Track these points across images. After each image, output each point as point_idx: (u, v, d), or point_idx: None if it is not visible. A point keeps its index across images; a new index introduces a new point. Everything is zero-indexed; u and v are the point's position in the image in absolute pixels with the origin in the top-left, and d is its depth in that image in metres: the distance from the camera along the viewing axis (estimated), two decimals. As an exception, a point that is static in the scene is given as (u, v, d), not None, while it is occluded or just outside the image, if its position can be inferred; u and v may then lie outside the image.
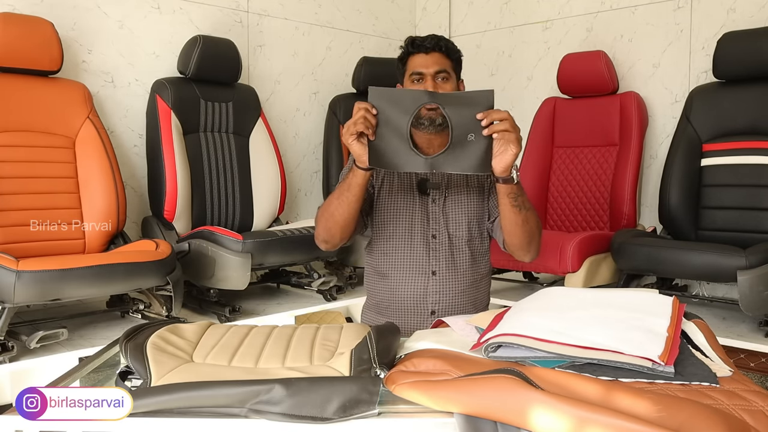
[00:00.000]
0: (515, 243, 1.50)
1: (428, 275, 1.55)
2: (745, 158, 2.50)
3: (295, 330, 1.16)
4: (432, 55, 1.53)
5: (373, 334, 1.05)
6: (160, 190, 2.54)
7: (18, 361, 1.86)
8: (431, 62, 1.53)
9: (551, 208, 3.08)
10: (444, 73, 1.54)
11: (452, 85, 1.55)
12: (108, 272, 1.95)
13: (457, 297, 1.57)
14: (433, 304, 1.56)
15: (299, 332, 1.15)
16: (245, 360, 1.03)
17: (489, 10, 3.63)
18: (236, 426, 0.89)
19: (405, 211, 1.58)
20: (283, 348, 1.07)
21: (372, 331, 1.07)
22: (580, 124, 3.01)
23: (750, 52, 2.47)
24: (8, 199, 2.16)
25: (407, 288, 1.56)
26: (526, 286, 2.92)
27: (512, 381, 0.84)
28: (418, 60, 1.54)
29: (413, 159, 1.33)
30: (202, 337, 1.12)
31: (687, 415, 0.78)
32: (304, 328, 1.18)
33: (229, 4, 3.02)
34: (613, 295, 1.22)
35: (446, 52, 1.55)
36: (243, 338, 1.12)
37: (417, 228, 1.56)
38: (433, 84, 1.52)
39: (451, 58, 1.56)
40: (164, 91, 2.59)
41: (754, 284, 2.04)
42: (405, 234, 1.56)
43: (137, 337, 1.06)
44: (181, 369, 0.98)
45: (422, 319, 1.56)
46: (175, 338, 1.08)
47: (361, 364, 0.98)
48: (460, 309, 1.56)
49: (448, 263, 1.56)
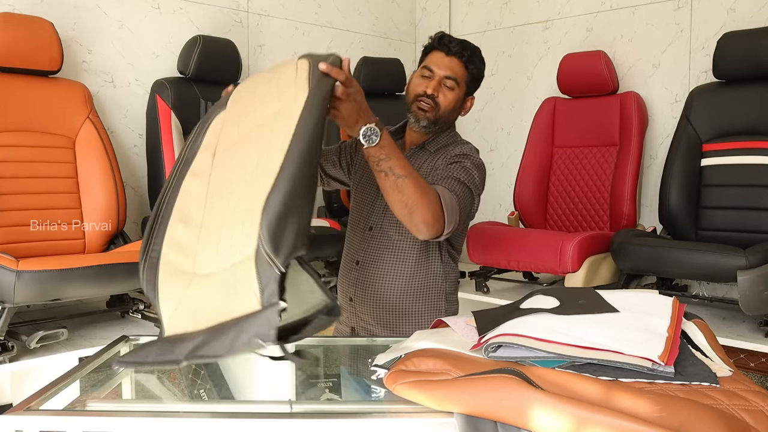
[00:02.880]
0: (396, 215, 1.34)
1: (353, 264, 1.59)
2: (745, 158, 2.50)
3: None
4: (451, 59, 1.50)
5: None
6: (160, 190, 2.54)
7: (18, 361, 1.86)
8: (446, 65, 1.50)
9: (551, 208, 3.08)
10: (452, 81, 1.50)
11: (456, 96, 1.51)
12: (108, 272, 1.95)
13: (378, 291, 1.54)
14: (354, 294, 1.59)
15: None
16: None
17: (489, 10, 3.63)
18: (236, 426, 0.89)
19: (363, 196, 1.61)
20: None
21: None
22: (580, 124, 3.01)
23: (750, 52, 2.47)
24: (8, 199, 2.16)
25: (342, 275, 1.63)
26: (526, 286, 2.92)
27: (512, 381, 0.84)
28: (436, 57, 1.51)
29: None
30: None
31: (687, 415, 0.78)
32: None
33: (229, 4, 3.02)
34: (613, 295, 1.22)
35: (466, 62, 1.51)
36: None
37: (363, 214, 1.60)
38: (437, 86, 1.49)
39: (469, 70, 1.52)
40: (164, 91, 2.59)
41: (754, 284, 2.04)
42: (353, 220, 1.63)
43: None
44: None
45: (343, 301, 1.62)
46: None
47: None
48: (380, 303, 1.55)
49: (374, 256, 1.55)
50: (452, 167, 1.46)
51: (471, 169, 1.47)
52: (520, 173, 3.07)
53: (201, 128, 1.24)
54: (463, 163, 1.47)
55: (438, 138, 1.57)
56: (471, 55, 1.51)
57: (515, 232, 2.76)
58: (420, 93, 1.50)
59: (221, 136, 1.18)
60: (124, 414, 0.93)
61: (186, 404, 1.81)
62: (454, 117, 1.57)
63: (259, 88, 1.20)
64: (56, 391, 1.00)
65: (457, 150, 1.52)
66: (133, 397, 1.32)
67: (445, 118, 1.53)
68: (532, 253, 2.56)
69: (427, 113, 1.50)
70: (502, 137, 3.57)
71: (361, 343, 1.59)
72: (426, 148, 1.57)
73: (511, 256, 2.59)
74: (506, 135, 3.56)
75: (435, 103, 1.50)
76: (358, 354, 1.65)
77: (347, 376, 1.70)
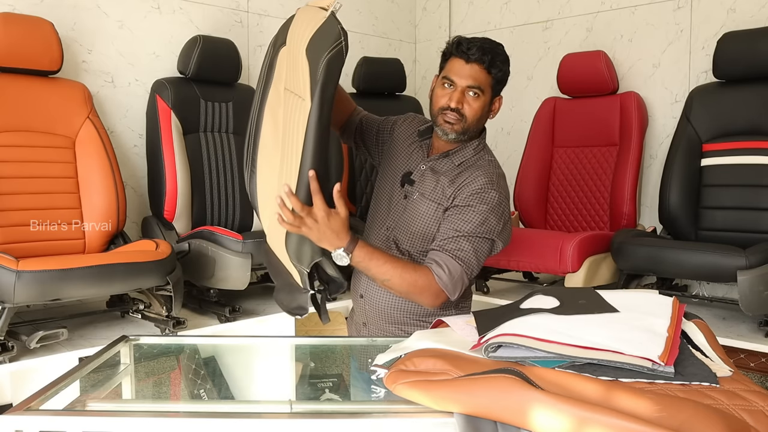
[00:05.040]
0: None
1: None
2: (745, 158, 2.50)
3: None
4: (471, 67, 1.43)
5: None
6: (160, 190, 2.54)
7: (18, 361, 1.86)
8: (467, 74, 1.44)
9: (551, 208, 3.08)
10: (477, 90, 1.44)
11: (482, 103, 1.46)
12: (108, 272, 1.95)
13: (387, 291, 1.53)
14: (365, 290, 1.61)
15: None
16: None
17: (489, 10, 3.63)
18: (236, 426, 0.89)
19: (381, 194, 1.63)
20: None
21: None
22: (580, 124, 3.01)
23: (750, 52, 2.47)
24: (8, 199, 2.16)
25: (355, 271, 1.64)
26: (526, 286, 2.92)
27: (512, 381, 0.84)
28: (456, 66, 1.45)
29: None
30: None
31: (687, 415, 0.78)
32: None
33: (229, 4, 3.02)
34: (613, 295, 1.22)
35: (488, 67, 1.44)
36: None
37: (379, 214, 1.61)
38: (460, 98, 1.45)
39: (492, 75, 1.46)
40: (164, 91, 2.59)
41: (754, 284, 2.04)
42: (371, 216, 1.64)
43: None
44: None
45: (355, 297, 1.65)
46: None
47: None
48: (389, 302, 1.56)
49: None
50: (465, 217, 1.43)
51: (486, 214, 1.43)
52: (520, 173, 3.07)
53: (271, 60, 1.60)
54: (477, 209, 1.43)
55: (465, 148, 1.53)
56: (492, 59, 1.44)
57: (515, 231, 2.76)
58: (444, 106, 1.47)
59: (285, 73, 1.44)
60: (124, 414, 0.93)
61: (186, 404, 1.81)
62: (483, 122, 1.53)
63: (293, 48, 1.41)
64: (56, 391, 1.00)
65: (478, 183, 1.45)
66: (133, 397, 1.32)
67: (473, 126, 1.49)
68: (532, 253, 2.57)
69: (455, 126, 1.47)
70: (502, 137, 3.57)
71: (362, 343, 1.59)
72: (450, 158, 1.53)
73: (511, 256, 2.59)
74: (506, 135, 3.56)
75: (461, 115, 1.46)
76: (358, 354, 1.65)
77: (347, 376, 1.70)
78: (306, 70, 1.25)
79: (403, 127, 1.66)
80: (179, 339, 2.09)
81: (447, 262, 1.40)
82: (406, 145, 1.62)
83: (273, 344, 1.78)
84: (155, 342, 1.66)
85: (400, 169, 1.60)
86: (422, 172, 1.55)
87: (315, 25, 1.28)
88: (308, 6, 1.42)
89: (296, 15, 1.47)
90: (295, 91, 1.33)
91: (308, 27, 1.30)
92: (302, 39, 1.31)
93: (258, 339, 2.13)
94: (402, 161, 1.61)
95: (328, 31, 1.23)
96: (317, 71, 1.20)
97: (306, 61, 1.26)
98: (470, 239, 1.42)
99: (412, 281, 1.39)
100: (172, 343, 2.00)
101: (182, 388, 2.23)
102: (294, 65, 1.35)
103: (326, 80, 1.20)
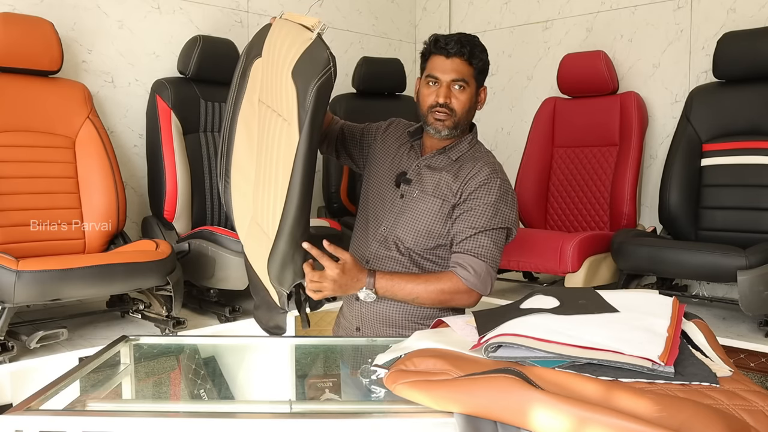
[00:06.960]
0: None
1: (362, 263, 1.54)
2: (745, 158, 2.50)
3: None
4: (453, 61, 1.46)
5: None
6: (160, 190, 2.54)
7: (18, 361, 1.86)
8: (450, 68, 1.47)
9: (551, 208, 3.08)
10: (461, 82, 1.47)
11: (468, 95, 1.49)
12: (108, 272, 1.95)
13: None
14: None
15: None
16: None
17: (489, 10, 3.63)
18: (236, 426, 0.89)
19: (374, 198, 1.62)
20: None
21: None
22: (580, 124, 3.00)
23: (750, 52, 2.47)
24: (8, 199, 2.16)
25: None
26: (526, 286, 2.92)
27: (512, 381, 0.84)
28: (438, 63, 1.48)
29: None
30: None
31: (687, 415, 0.78)
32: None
33: (229, 4, 3.02)
34: (613, 295, 1.22)
35: (469, 59, 1.47)
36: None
37: (372, 218, 1.60)
38: (447, 93, 1.47)
39: (474, 66, 1.48)
40: (164, 91, 2.59)
41: (754, 284, 2.04)
42: (362, 219, 1.64)
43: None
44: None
45: (349, 302, 1.62)
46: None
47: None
48: (386, 301, 1.54)
49: (383, 261, 1.55)
50: (477, 212, 1.45)
51: (497, 204, 1.46)
52: (520, 173, 3.07)
53: (244, 69, 1.56)
54: (487, 200, 1.45)
55: (459, 144, 1.55)
56: (472, 50, 1.47)
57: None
58: (432, 104, 1.49)
59: (260, 86, 1.44)
60: (124, 414, 0.93)
61: (186, 404, 1.81)
62: (472, 115, 1.55)
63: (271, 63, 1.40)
64: (56, 391, 1.00)
65: (483, 173, 1.48)
66: (133, 397, 1.32)
67: (463, 120, 1.52)
68: (532, 253, 2.57)
69: (446, 122, 1.49)
70: (502, 137, 3.57)
71: (361, 343, 1.59)
72: (447, 153, 1.55)
73: (511, 256, 2.59)
74: (506, 135, 3.56)
75: (450, 110, 1.48)
76: (358, 354, 1.65)
77: (347, 376, 1.70)
78: (293, 95, 1.25)
79: (389, 131, 1.67)
80: (179, 339, 2.10)
81: (470, 261, 1.44)
82: (395, 147, 1.63)
83: (273, 344, 1.78)
84: (155, 342, 1.67)
85: (390, 171, 1.60)
86: (418, 171, 1.55)
87: (300, 47, 1.26)
88: (286, 20, 1.39)
89: (273, 27, 1.45)
90: (276, 110, 1.33)
91: (292, 47, 1.29)
92: (285, 59, 1.29)
93: (258, 339, 2.13)
94: (392, 163, 1.61)
95: (315, 56, 1.22)
96: (306, 98, 1.20)
97: (293, 86, 1.25)
98: (487, 233, 1.46)
99: (439, 290, 1.43)
100: (172, 343, 2.00)
101: (182, 388, 2.23)
102: (275, 83, 1.34)
103: (316, 108, 1.20)
